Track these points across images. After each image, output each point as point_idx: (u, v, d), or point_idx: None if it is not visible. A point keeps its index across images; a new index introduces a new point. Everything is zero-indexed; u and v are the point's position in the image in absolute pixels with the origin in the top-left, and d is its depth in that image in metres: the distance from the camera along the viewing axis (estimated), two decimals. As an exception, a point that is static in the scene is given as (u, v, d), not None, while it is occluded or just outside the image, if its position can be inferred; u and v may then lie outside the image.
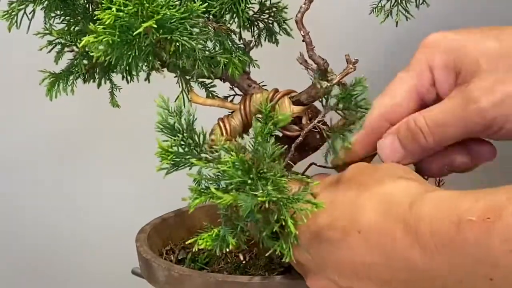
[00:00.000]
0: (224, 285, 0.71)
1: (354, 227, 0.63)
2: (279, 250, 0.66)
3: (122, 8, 0.61)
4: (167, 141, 0.68)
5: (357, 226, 0.63)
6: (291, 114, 0.74)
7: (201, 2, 0.65)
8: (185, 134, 0.68)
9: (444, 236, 0.58)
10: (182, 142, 0.68)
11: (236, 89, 0.80)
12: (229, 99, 0.80)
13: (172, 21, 0.63)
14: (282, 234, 0.66)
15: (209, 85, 0.80)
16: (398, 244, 0.61)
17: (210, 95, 0.80)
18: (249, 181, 0.64)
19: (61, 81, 0.76)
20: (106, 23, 0.61)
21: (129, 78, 0.76)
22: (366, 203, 0.64)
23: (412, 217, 0.60)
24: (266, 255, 0.69)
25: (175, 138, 0.68)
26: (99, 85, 0.79)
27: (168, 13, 0.62)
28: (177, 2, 0.65)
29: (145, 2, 0.61)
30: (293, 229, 0.63)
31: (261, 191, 0.63)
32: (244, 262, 0.81)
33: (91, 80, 0.78)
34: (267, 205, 0.63)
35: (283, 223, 0.64)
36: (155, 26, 0.62)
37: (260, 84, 0.79)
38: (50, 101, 0.76)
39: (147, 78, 0.78)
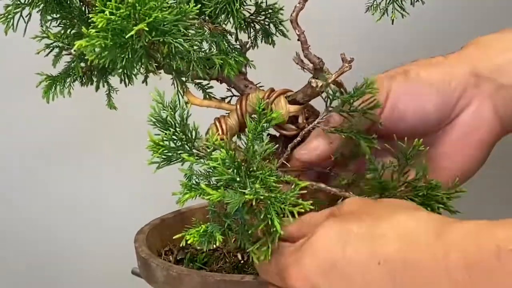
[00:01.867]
0: (222, 284, 0.71)
1: (374, 259, 0.60)
2: (252, 254, 0.66)
3: (114, 11, 0.61)
4: (159, 135, 0.68)
5: (377, 257, 0.60)
6: (287, 113, 0.74)
7: (194, 4, 0.65)
8: (177, 129, 0.68)
9: (483, 268, 0.54)
10: (174, 137, 0.68)
11: (233, 90, 0.80)
12: (227, 100, 0.81)
13: (165, 23, 0.64)
14: (269, 234, 0.66)
15: (206, 86, 0.80)
16: (424, 275, 0.57)
17: (207, 96, 0.80)
18: (238, 179, 0.64)
19: (58, 83, 0.76)
20: (99, 26, 0.61)
21: (127, 80, 0.76)
22: (386, 232, 0.60)
23: (440, 247, 0.57)
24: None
25: (167, 132, 0.68)
26: (97, 87, 0.79)
27: (160, 15, 0.62)
28: (172, 3, 0.65)
29: (137, 5, 0.61)
30: (279, 228, 0.63)
31: (249, 189, 0.63)
32: (242, 261, 0.81)
33: (89, 83, 0.79)
34: (254, 203, 0.63)
35: (269, 222, 0.64)
36: (147, 29, 0.62)
37: (257, 85, 0.79)
38: (47, 103, 0.77)
39: (145, 81, 0.78)
